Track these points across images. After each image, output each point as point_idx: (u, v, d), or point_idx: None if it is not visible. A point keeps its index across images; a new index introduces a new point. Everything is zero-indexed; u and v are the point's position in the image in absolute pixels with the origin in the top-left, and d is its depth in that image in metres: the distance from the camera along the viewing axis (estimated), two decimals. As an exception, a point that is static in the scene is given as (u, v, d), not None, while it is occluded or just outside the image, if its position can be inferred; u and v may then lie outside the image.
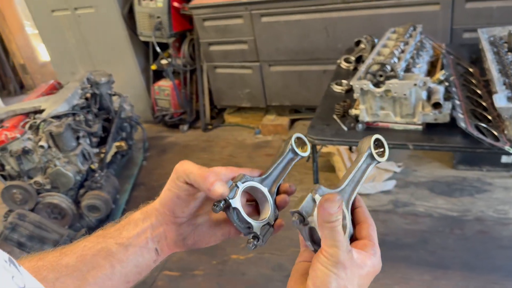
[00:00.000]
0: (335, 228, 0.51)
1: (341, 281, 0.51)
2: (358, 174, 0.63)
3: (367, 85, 1.96)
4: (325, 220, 0.51)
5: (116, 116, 3.34)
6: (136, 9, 3.86)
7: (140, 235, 0.61)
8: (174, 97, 4.12)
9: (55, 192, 2.81)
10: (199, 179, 0.58)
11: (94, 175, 2.93)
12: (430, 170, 3.18)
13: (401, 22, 2.72)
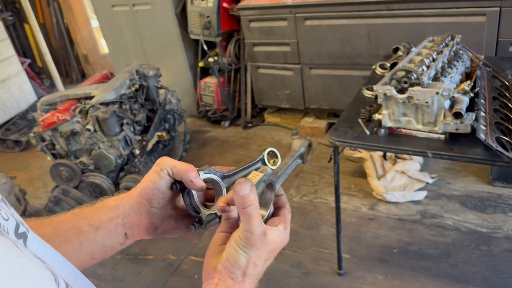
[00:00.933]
0: (251, 215, 0.58)
1: (250, 259, 0.59)
2: (290, 168, 0.75)
3: (390, 91, 1.99)
4: (241, 205, 0.57)
5: (160, 107, 3.53)
6: (188, 8, 4.05)
7: (111, 220, 0.67)
8: (218, 94, 4.28)
9: (98, 173, 3.04)
10: (182, 172, 0.66)
11: (134, 160, 3.13)
12: (464, 184, 3.11)
13: (444, 32, 2.69)
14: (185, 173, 0.65)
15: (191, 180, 0.65)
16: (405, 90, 2.01)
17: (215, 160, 3.90)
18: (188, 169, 0.66)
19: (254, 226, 0.58)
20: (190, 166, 0.66)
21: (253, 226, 0.58)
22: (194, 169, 0.66)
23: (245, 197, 0.57)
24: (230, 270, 0.58)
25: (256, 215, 0.58)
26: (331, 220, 2.98)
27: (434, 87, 1.95)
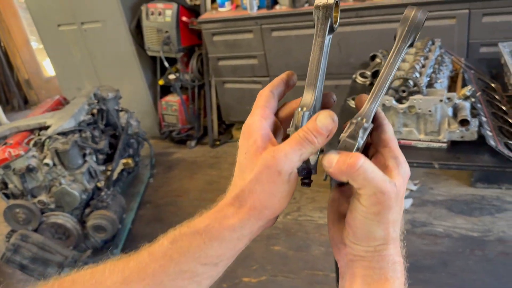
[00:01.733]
0: (366, 171, 0.45)
1: (388, 224, 0.48)
2: (391, 68, 0.52)
3: (389, 101, 1.88)
4: (349, 172, 0.45)
5: (123, 132, 3.25)
6: (143, 24, 3.80)
7: (235, 247, 0.51)
8: (181, 112, 4.04)
9: (60, 212, 2.71)
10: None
11: (100, 193, 2.84)
12: (447, 188, 3.08)
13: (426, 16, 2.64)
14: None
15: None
16: (404, 99, 1.90)
17: (185, 183, 3.66)
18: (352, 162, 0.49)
19: (382, 183, 0.46)
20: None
21: (381, 184, 0.46)
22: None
23: (353, 164, 0.45)
24: (366, 245, 0.49)
25: (374, 168, 0.46)
26: (320, 239, 2.84)
27: (436, 94, 1.85)
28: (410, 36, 0.52)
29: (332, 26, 0.55)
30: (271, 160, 0.47)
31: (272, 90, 0.56)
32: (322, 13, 0.54)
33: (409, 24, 0.52)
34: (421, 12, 0.52)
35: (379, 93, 0.52)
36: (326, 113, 0.47)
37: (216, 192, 3.47)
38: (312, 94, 0.53)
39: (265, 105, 0.54)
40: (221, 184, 3.53)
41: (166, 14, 3.69)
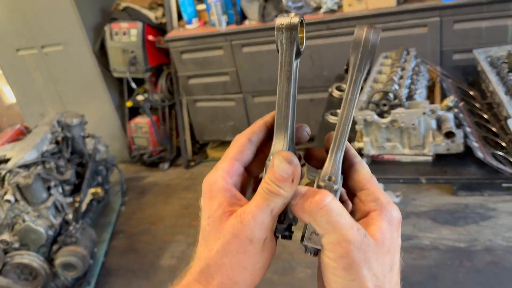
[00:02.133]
0: (329, 209, 0.39)
1: (364, 278, 0.39)
2: (350, 106, 0.45)
3: (371, 116, 1.80)
4: (313, 211, 0.39)
5: (90, 159, 3.08)
6: (108, 45, 3.65)
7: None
8: (152, 134, 3.89)
9: (25, 251, 2.51)
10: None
11: (68, 228, 2.65)
12: (430, 199, 3.02)
13: (388, 46, 2.60)
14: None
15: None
16: (385, 113, 1.82)
17: (160, 209, 3.49)
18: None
19: (347, 230, 0.39)
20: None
21: (346, 231, 0.39)
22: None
23: (318, 202, 0.39)
24: None
25: (338, 207, 0.39)
26: (305, 260, 2.72)
27: (418, 106, 1.78)
28: (365, 64, 0.45)
29: (299, 50, 0.47)
30: (239, 226, 0.41)
31: (250, 137, 0.47)
32: (286, 36, 0.47)
33: (362, 50, 0.45)
34: (372, 32, 0.45)
35: (342, 138, 0.44)
36: (280, 157, 0.40)
37: (193, 216, 3.33)
38: (284, 138, 0.45)
39: (235, 156, 0.46)
40: (198, 208, 3.36)
41: (131, 33, 3.56)
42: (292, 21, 0.46)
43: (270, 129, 0.48)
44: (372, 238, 0.40)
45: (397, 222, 0.42)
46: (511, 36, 2.68)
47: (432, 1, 2.79)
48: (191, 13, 3.41)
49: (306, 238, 0.43)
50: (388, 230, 0.41)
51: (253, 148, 0.47)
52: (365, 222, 0.42)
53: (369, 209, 0.42)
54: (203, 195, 0.45)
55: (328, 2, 3.01)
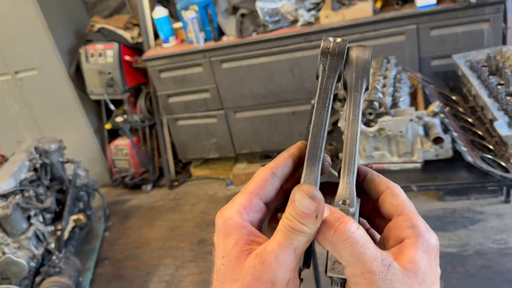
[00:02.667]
0: (353, 242, 0.36)
1: None
2: (354, 126, 0.43)
3: (358, 126, 1.78)
4: (335, 243, 0.36)
5: (70, 185, 2.98)
6: (84, 67, 3.58)
7: None
8: (133, 155, 3.80)
9: (6, 285, 2.39)
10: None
11: (51, 258, 2.54)
12: (417, 205, 2.99)
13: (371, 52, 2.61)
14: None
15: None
16: (372, 122, 1.81)
17: (145, 233, 3.40)
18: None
19: (369, 260, 0.36)
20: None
21: (368, 261, 0.36)
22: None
23: (343, 232, 0.36)
24: None
25: (362, 238, 0.36)
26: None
27: (404, 114, 1.78)
28: (361, 82, 0.44)
29: (340, 77, 0.44)
30: (260, 267, 0.37)
31: (275, 171, 0.43)
32: (331, 62, 0.44)
33: (356, 69, 0.44)
34: (363, 50, 0.44)
35: (352, 160, 0.42)
36: (301, 192, 0.36)
37: (180, 238, 3.25)
38: (315, 170, 0.42)
39: (255, 191, 0.42)
40: (185, 229, 3.30)
41: (107, 54, 3.50)
42: (340, 46, 0.44)
43: (296, 163, 0.45)
44: (402, 267, 0.37)
45: (435, 251, 0.40)
46: (487, 40, 2.72)
47: (408, 9, 2.82)
48: (167, 32, 3.37)
49: (330, 269, 0.39)
50: (423, 259, 0.38)
51: (277, 183, 0.43)
52: (398, 249, 0.39)
53: (404, 235, 0.39)
54: (217, 232, 0.41)
55: (305, 15, 3.02)
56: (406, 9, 2.84)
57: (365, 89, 0.44)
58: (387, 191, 0.42)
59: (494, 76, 2.08)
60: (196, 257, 3.02)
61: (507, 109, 1.77)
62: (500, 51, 2.25)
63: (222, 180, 3.78)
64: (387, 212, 0.42)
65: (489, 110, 1.81)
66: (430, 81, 2.41)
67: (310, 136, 0.43)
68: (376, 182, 0.43)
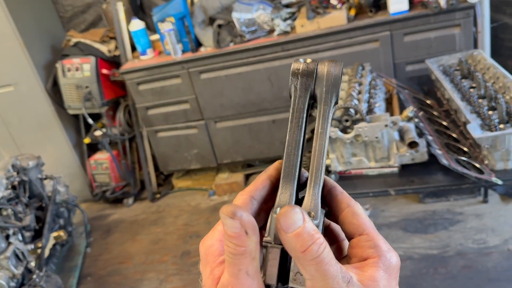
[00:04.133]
0: (319, 259, 0.36)
1: None
2: (322, 139, 0.44)
3: (335, 132, 1.80)
4: (299, 250, 0.36)
5: (50, 202, 2.93)
6: (61, 82, 3.54)
7: None
8: (113, 169, 3.77)
9: (-16, 307, 2.33)
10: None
11: (31, 277, 2.49)
12: (398, 209, 3.05)
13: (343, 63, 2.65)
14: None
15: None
16: (348, 128, 1.83)
17: (128, 247, 3.36)
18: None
19: (331, 277, 0.36)
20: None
21: (331, 278, 0.36)
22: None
23: (302, 232, 0.36)
24: None
25: (328, 256, 0.37)
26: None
27: (379, 120, 1.81)
28: (331, 96, 0.44)
29: (312, 96, 0.45)
30: None
31: (253, 195, 0.44)
32: (302, 82, 0.45)
33: (326, 84, 0.44)
34: (333, 66, 0.45)
35: (318, 173, 0.43)
36: (222, 214, 0.37)
37: (164, 251, 3.22)
38: (291, 189, 0.43)
39: None
40: (168, 242, 3.27)
41: (84, 68, 3.47)
42: (309, 67, 0.45)
43: (274, 183, 0.46)
44: (363, 284, 0.38)
45: (396, 270, 0.41)
46: (459, 44, 2.79)
47: (381, 16, 2.87)
48: (144, 44, 3.37)
49: (291, 279, 0.39)
50: (383, 278, 0.39)
51: (256, 205, 0.44)
52: (360, 267, 0.40)
53: (367, 255, 0.41)
54: (201, 260, 0.43)
55: (281, 25, 3.05)
56: (379, 16, 2.89)
57: (334, 103, 0.44)
58: (348, 209, 0.43)
59: (466, 80, 2.14)
60: (180, 270, 2.99)
61: (479, 112, 1.82)
62: (472, 55, 2.31)
63: (204, 190, 3.77)
64: (348, 230, 0.43)
65: (462, 113, 1.85)
66: (404, 86, 2.45)
67: (284, 156, 0.44)
68: (338, 199, 0.44)
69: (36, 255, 2.66)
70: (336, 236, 0.46)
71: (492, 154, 1.67)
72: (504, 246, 2.55)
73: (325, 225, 0.46)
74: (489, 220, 2.76)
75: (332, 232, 0.47)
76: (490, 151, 1.68)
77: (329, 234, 0.47)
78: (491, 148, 1.66)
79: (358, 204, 0.44)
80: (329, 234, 0.47)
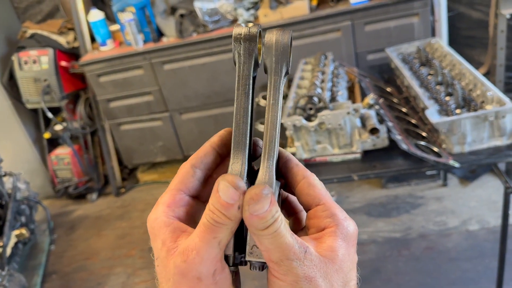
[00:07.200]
0: (276, 233, 0.36)
1: None
2: (274, 111, 0.43)
3: (299, 121, 1.82)
4: (259, 228, 0.36)
5: (10, 199, 2.84)
6: (17, 75, 3.41)
7: None
8: (75, 164, 3.67)
9: None
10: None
11: (-9, 277, 2.41)
12: (362, 194, 3.13)
13: (306, 53, 2.68)
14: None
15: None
16: (312, 116, 1.86)
17: (93, 243, 3.29)
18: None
19: (289, 248, 0.37)
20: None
21: (287, 249, 0.37)
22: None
23: (265, 217, 0.36)
24: None
25: (285, 229, 0.37)
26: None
27: (342, 107, 1.84)
28: (281, 66, 0.43)
29: (257, 62, 0.43)
30: (184, 266, 0.38)
31: (194, 163, 0.44)
32: (245, 48, 0.43)
33: (275, 53, 0.43)
34: (281, 34, 0.43)
35: (272, 144, 0.42)
36: (225, 182, 0.37)
37: (131, 245, 3.18)
38: (242, 158, 0.42)
39: (177, 187, 0.43)
40: (135, 236, 3.23)
41: (42, 61, 3.35)
42: (251, 31, 0.43)
43: (219, 152, 0.45)
44: (321, 254, 0.38)
45: (354, 238, 0.41)
46: (417, 32, 2.86)
47: (343, 6, 2.91)
48: (104, 35, 3.28)
49: (248, 253, 0.40)
50: (342, 247, 0.40)
51: (200, 174, 0.43)
52: (318, 237, 0.40)
53: (324, 225, 0.41)
54: (150, 236, 0.42)
55: (244, 14, 3.04)
56: (340, 6, 2.93)
57: (285, 73, 0.43)
58: (303, 181, 0.43)
59: (424, 67, 2.21)
60: (149, 263, 2.96)
61: (437, 98, 1.88)
62: (429, 43, 2.38)
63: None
64: (305, 202, 0.43)
65: (420, 100, 1.91)
66: (366, 74, 2.50)
67: (234, 125, 0.43)
68: (293, 172, 0.44)
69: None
70: (293, 208, 0.46)
71: (449, 138, 1.73)
72: (463, 227, 2.66)
73: (283, 198, 0.46)
74: (448, 203, 2.87)
75: (290, 204, 0.46)
76: (447, 136, 1.74)
77: (286, 207, 0.46)
78: (448, 133, 1.72)
79: (314, 175, 0.44)
80: (286, 207, 0.46)
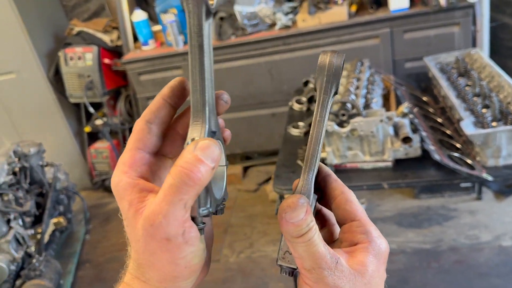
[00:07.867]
0: (310, 242, 0.39)
1: None
2: (320, 127, 0.45)
3: (331, 126, 1.84)
4: (293, 236, 0.39)
5: (50, 189, 2.97)
6: (63, 70, 3.57)
7: None
8: (113, 158, 3.80)
9: (-16, 289, 2.38)
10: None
11: (31, 261, 2.54)
12: (393, 203, 3.10)
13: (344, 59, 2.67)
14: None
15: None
16: (345, 123, 1.87)
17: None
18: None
19: (321, 257, 0.39)
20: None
21: (319, 258, 0.39)
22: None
23: (300, 225, 0.39)
24: None
25: (319, 240, 0.40)
26: (278, 275, 2.71)
27: (375, 115, 1.84)
28: (331, 86, 0.46)
29: (209, 8, 0.39)
30: (151, 229, 0.38)
31: (148, 119, 0.43)
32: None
33: (327, 74, 0.45)
34: (336, 56, 0.46)
35: (313, 159, 0.45)
36: (206, 141, 0.37)
37: (161, 239, 3.26)
38: (203, 117, 0.40)
39: (135, 145, 0.42)
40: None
41: (86, 58, 3.50)
42: None
43: (171, 103, 0.44)
44: (351, 268, 0.40)
45: (385, 256, 0.43)
46: (457, 42, 2.82)
47: (382, 13, 2.90)
48: (146, 35, 3.39)
49: (280, 258, 0.43)
50: (373, 263, 0.41)
51: (156, 129, 0.43)
52: (350, 251, 0.42)
53: (357, 240, 0.43)
54: (116, 198, 0.42)
55: (283, 19, 3.08)
56: (380, 13, 2.91)
57: (334, 93, 0.46)
58: (341, 196, 0.45)
59: (462, 78, 2.17)
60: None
61: (473, 109, 1.86)
62: (469, 54, 2.34)
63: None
64: (341, 216, 0.45)
65: (456, 110, 1.89)
66: (402, 83, 2.49)
67: (190, 82, 0.40)
68: (332, 186, 0.46)
69: (36, 240, 2.70)
70: (326, 220, 0.48)
71: (484, 151, 1.70)
72: (496, 242, 2.60)
73: (317, 210, 0.48)
74: (482, 217, 2.80)
75: (323, 216, 0.48)
76: (482, 148, 1.72)
77: (320, 218, 0.48)
78: (483, 145, 1.70)
79: (351, 192, 0.45)
80: (320, 218, 0.48)
